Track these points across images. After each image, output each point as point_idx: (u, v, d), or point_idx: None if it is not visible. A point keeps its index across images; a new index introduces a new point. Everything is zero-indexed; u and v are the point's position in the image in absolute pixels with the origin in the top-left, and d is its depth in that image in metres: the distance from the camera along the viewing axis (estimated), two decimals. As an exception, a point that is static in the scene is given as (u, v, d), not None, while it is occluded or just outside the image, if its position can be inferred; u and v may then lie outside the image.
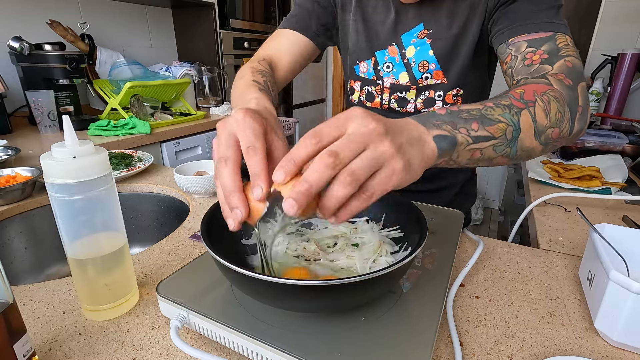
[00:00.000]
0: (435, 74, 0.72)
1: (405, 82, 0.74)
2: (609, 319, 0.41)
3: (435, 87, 0.73)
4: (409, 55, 0.72)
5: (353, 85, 0.81)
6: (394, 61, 0.74)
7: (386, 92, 0.76)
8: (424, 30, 0.70)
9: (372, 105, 0.80)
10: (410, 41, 0.71)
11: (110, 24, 1.85)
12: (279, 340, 0.34)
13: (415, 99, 0.75)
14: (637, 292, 0.37)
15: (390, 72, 0.75)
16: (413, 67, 0.72)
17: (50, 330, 0.42)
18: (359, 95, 0.81)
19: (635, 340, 0.40)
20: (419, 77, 0.73)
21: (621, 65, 1.85)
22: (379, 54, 0.74)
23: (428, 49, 0.70)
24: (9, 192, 0.75)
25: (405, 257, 0.35)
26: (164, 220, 0.89)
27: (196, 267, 0.46)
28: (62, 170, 0.37)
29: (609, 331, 0.41)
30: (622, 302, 0.39)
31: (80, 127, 1.40)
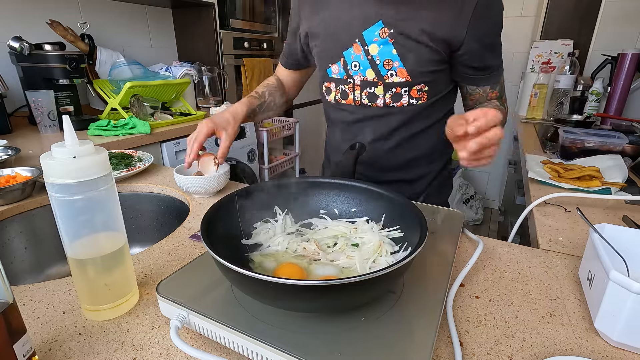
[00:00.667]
0: (399, 71, 0.75)
1: (372, 78, 0.78)
2: (609, 319, 0.41)
3: (400, 84, 0.77)
4: (373, 53, 0.75)
5: (329, 86, 0.86)
6: (359, 59, 0.77)
7: (357, 89, 0.81)
8: (384, 29, 0.72)
9: (346, 103, 0.84)
10: (372, 39, 0.74)
11: (110, 24, 1.85)
12: (279, 340, 0.34)
13: (384, 94, 0.79)
14: (637, 292, 0.37)
15: (358, 70, 0.79)
16: (379, 65, 0.76)
17: (50, 330, 0.42)
18: (335, 95, 0.86)
19: (636, 340, 0.40)
20: (385, 74, 0.76)
21: (621, 65, 1.85)
22: (346, 53, 0.78)
23: (391, 48, 0.73)
24: (9, 192, 0.75)
25: (405, 257, 0.35)
26: (164, 220, 0.89)
27: (196, 267, 0.46)
28: (62, 170, 0.37)
29: (609, 331, 0.41)
30: (622, 302, 0.39)
31: (80, 127, 1.40)
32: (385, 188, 0.53)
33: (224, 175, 0.80)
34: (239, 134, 1.88)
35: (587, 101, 1.93)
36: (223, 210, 0.48)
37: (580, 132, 1.20)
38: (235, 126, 0.84)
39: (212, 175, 0.77)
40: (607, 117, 1.79)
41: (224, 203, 0.48)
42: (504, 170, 2.59)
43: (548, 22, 2.27)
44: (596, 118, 1.76)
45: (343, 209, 0.57)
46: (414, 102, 0.79)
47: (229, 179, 0.84)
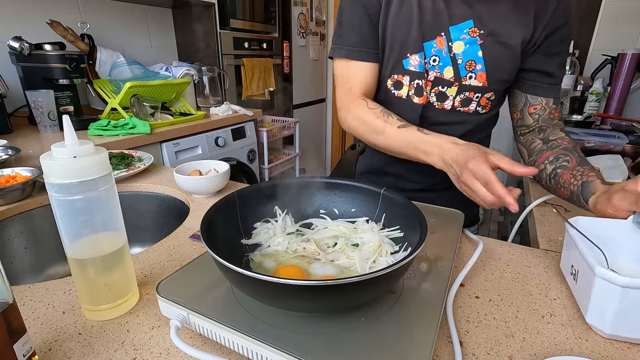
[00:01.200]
0: (479, 75, 0.72)
1: (449, 77, 0.73)
2: (600, 313, 0.42)
3: (475, 89, 0.73)
4: (457, 51, 0.71)
5: (401, 79, 0.76)
6: (441, 54, 0.72)
7: (429, 86, 0.75)
8: (474, 29, 0.69)
9: (419, 101, 0.76)
10: (459, 36, 0.70)
11: (110, 24, 1.85)
12: (279, 340, 0.34)
13: (455, 97, 0.74)
14: (623, 285, 0.38)
15: (436, 66, 0.73)
16: (460, 64, 0.72)
17: (50, 330, 0.42)
18: (408, 90, 0.76)
19: (626, 330, 0.41)
20: (464, 75, 0.72)
21: (621, 65, 1.85)
22: (427, 45, 0.72)
23: (478, 49, 0.70)
24: (9, 192, 0.75)
25: (405, 257, 0.35)
26: (164, 220, 0.89)
27: (196, 267, 0.46)
28: (62, 170, 0.37)
29: (601, 325, 0.42)
30: (609, 296, 0.40)
31: (80, 127, 1.40)
32: (385, 188, 0.53)
33: (224, 175, 0.80)
34: (239, 134, 1.88)
35: (587, 101, 1.93)
36: (223, 210, 0.48)
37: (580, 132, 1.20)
38: None
39: (211, 175, 0.77)
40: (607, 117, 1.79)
41: (224, 203, 0.48)
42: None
43: (548, 22, 2.27)
44: (596, 118, 1.76)
45: (343, 209, 0.57)
46: (480, 110, 0.76)
47: (229, 179, 0.84)
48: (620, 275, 0.39)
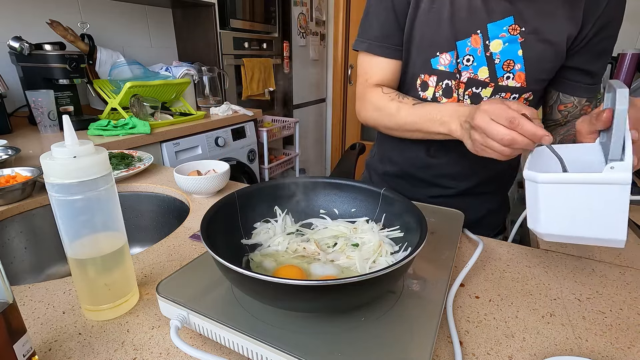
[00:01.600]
0: (517, 75, 0.68)
1: (484, 78, 0.69)
2: (533, 215, 0.43)
3: (513, 90, 0.69)
4: (494, 50, 0.67)
5: (427, 80, 0.73)
6: (476, 54, 0.68)
7: (461, 87, 0.71)
8: (515, 26, 0.64)
9: (448, 103, 0.72)
10: (498, 34, 0.66)
11: (110, 24, 1.85)
12: (279, 340, 0.34)
13: (490, 98, 0.69)
14: (542, 182, 0.39)
15: (470, 66, 0.69)
16: (497, 64, 0.68)
17: (50, 330, 0.42)
18: (434, 91, 0.73)
19: (555, 228, 0.41)
20: (500, 76, 0.68)
21: (621, 65, 1.85)
22: (460, 44, 0.68)
23: (518, 48, 0.65)
24: (9, 192, 0.75)
25: (405, 257, 0.35)
26: (164, 220, 0.89)
27: (196, 267, 0.46)
28: (62, 170, 0.37)
29: (536, 227, 0.43)
30: (534, 195, 0.41)
31: (80, 127, 1.40)
32: (386, 188, 0.53)
33: (224, 175, 0.80)
34: (239, 134, 1.88)
35: (587, 101, 1.93)
36: (223, 210, 0.48)
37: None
38: None
39: (211, 175, 0.77)
40: (607, 117, 1.79)
41: (224, 203, 0.48)
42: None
43: (548, 22, 2.27)
44: (596, 118, 1.76)
45: (343, 209, 0.57)
46: None
47: (229, 179, 0.84)
48: (540, 173, 0.39)
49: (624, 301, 0.48)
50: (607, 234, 0.40)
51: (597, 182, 0.38)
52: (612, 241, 0.41)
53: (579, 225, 0.41)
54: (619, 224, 0.39)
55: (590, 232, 0.41)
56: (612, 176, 0.37)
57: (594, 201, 0.39)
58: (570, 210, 0.40)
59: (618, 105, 0.39)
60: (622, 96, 0.39)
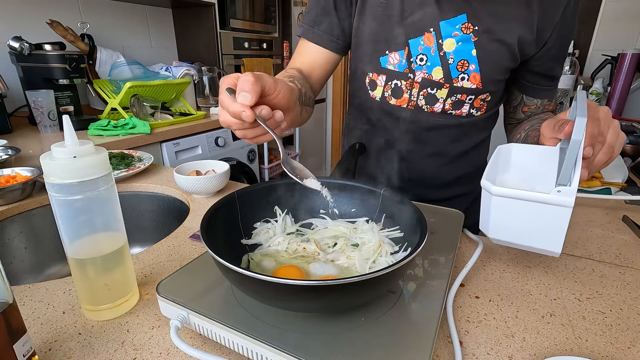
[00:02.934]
0: (472, 76, 0.66)
1: (439, 79, 0.67)
2: (485, 221, 0.47)
3: (469, 91, 0.68)
4: (447, 50, 0.65)
5: (375, 79, 0.72)
6: (429, 53, 0.66)
7: (415, 87, 0.69)
8: (468, 24, 0.63)
9: (397, 103, 0.72)
10: (451, 33, 0.64)
11: (110, 24, 1.85)
12: (279, 340, 0.34)
13: (445, 99, 0.69)
14: (495, 194, 0.44)
15: (424, 66, 0.67)
16: (451, 64, 0.66)
17: (50, 330, 0.42)
18: (383, 91, 0.72)
19: (502, 234, 0.47)
20: (455, 76, 0.67)
21: (621, 65, 1.85)
22: (413, 42, 0.66)
23: (471, 47, 0.64)
24: (9, 192, 0.75)
25: (405, 257, 0.35)
26: (164, 220, 0.89)
27: (196, 267, 0.46)
28: (62, 170, 0.37)
29: (486, 229, 0.48)
30: (487, 203, 0.45)
31: (80, 127, 1.40)
32: (386, 188, 0.53)
33: (223, 175, 0.80)
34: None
35: (587, 101, 1.93)
36: (223, 210, 0.48)
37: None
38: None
39: (211, 175, 0.77)
40: (607, 117, 1.79)
41: (224, 203, 0.48)
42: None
43: (548, 22, 2.27)
44: (596, 118, 1.76)
45: (343, 209, 0.57)
46: (474, 112, 0.71)
47: (228, 179, 0.84)
48: (495, 185, 0.43)
49: (624, 301, 0.48)
50: (547, 245, 0.45)
51: (544, 202, 0.42)
52: (549, 252, 0.46)
53: (523, 235, 0.46)
54: (558, 238, 0.44)
55: (532, 242, 0.46)
56: (558, 199, 0.41)
57: (540, 217, 0.43)
58: (517, 221, 0.45)
59: (574, 135, 0.41)
60: (580, 126, 0.41)
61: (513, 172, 0.54)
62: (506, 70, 0.68)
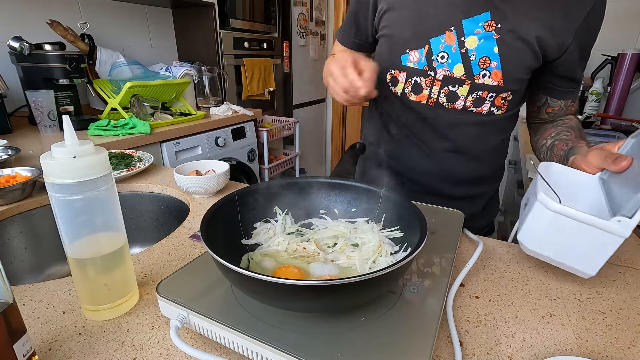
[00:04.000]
0: (494, 73, 0.67)
1: (460, 75, 0.68)
2: (529, 231, 0.48)
3: (490, 88, 0.69)
4: (469, 47, 0.66)
5: (397, 75, 0.74)
6: (450, 50, 0.67)
7: (437, 85, 0.71)
8: (491, 22, 0.64)
9: (417, 99, 0.74)
10: (473, 30, 0.65)
11: (110, 24, 1.85)
12: (279, 340, 0.34)
13: (467, 96, 0.70)
14: (554, 210, 0.44)
15: (445, 64, 0.68)
16: (473, 61, 0.67)
17: (50, 330, 0.42)
18: (404, 87, 0.74)
19: (544, 249, 0.48)
20: (476, 73, 0.67)
21: (621, 65, 1.85)
22: (434, 41, 0.68)
23: (493, 45, 0.65)
24: (9, 192, 0.75)
25: (405, 257, 0.35)
26: (164, 220, 0.89)
27: (196, 267, 0.46)
28: (62, 170, 0.37)
29: (527, 242, 0.49)
30: (541, 218, 0.46)
31: (80, 127, 1.40)
32: (386, 188, 0.53)
33: (223, 175, 0.80)
34: (239, 134, 1.88)
35: (587, 101, 1.93)
36: (223, 210, 0.48)
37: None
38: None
39: (211, 175, 0.77)
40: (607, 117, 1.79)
41: (224, 203, 0.48)
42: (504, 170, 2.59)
43: (548, 22, 2.27)
44: (596, 118, 1.76)
45: (343, 209, 0.57)
46: (494, 110, 0.71)
47: (229, 179, 0.84)
48: (556, 203, 0.44)
49: (624, 301, 0.48)
50: (583, 266, 0.47)
51: (600, 228, 0.43)
52: (582, 273, 0.48)
53: (564, 253, 0.47)
54: (597, 262, 0.45)
55: (570, 260, 0.47)
56: (616, 228, 0.42)
57: (589, 240, 0.44)
58: (564, 239, 0.46)
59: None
60: None
61: (550, 190, 0.54)
62: (528, 69, 0.67)
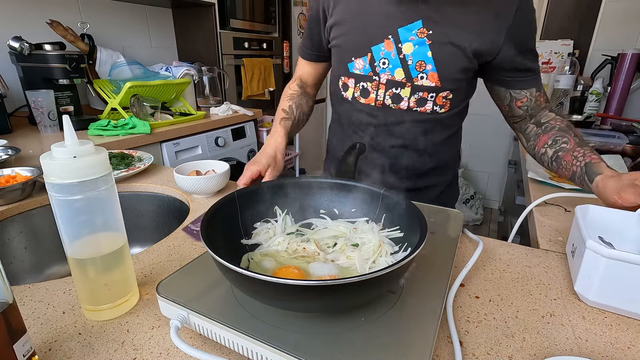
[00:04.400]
0: (430, 75, 0.73)
1: (401, 79, 0.75)
2: (586, 281, 0.46)
3: (429, 89, 0.75)
4: (406, 52, 0.72)
5: (347, 82, 0.82)
6: (390, 57, 0.74)
7: (382, 88, 0.77)
8: (423, 29, 0.70)
9: (366, 102, 0.80)
10: (408, 37, 0.71)
11: (110, 24, 1.85)
12: (279, 340, 0.34)
13: (409, 97, 0.76)
14: (607, 257, 0.43)
15: (387, 68, 0.75)
16: (410, 65, 0.73)
17: (50, 330, 0.42)
18: (354, 92, 0.81)
19: (607, 299, 0.45)
20: (415, 76, 0.74)
21: (621, 65, 1.85)
22: (375, 49, 0.74)
23: (427, 50, 0.71)
24: (9, 192, 0.75)
25: (405, 257, 0.35)
26: (164, 220, 0.89)
27: (196, 267, 0.46)
28: (62, 170, 0.37)
29: (586, 292, 0.46)
30: (595, 266, 0.45)
31: (80, 127, 1.40)
32: (386, 188, 0.53)
33: (223, 175, 0.80)
34: (239, 134, 1.88)
35: (587, 101, 1.93)
36: (223, 210, 0.48)
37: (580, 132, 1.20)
38: (281, 162, 0.79)
39: (211, 175, 0.77)
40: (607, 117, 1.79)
41: (224, 203, 0.48)
42: (504, 170, 2.59)
43: (548, 22, 2.28)
44: (596, 118, 1.76)
45: (343, 209, 0.57)
46: (437, 109, 0.77)
47: (229, 179, 0.84)
48: (607, 248, 0.43)
49: (624, 301, 0.48)
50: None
51: None
52: None
53: (634, 301, 0.45)
54: None
55: (632, 306, 0.45)
56: None
57: None
58: (627, 286, 0.44)
59: None
60: None
61: (593, 232, 0.54)
62: (462, 70, 0.73)
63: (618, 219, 0.55)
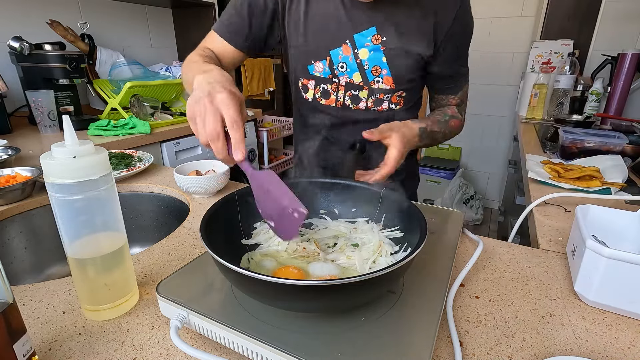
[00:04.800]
0: (385, 79, 0.78)
1: (359, 82, 0.79)
2: (586, 281, 0.46)
3: (385, 91, 0.80)
4: (362, 57, 0.76)
5: (306, 83, 0.83)
6: (348, 61, 0.77)
7: (341, 90, 0.81)
8: (377, 36, 0.74)
9: (327, 103, 0.83)
10: (364, 44, 0.75)
11: (110, 24, 1.85)
12: (279, 340, 0.34)
13: (367, 99, 0.81)
14: (608, 257, 0.43)
15: (345, 72, 0.78)
16: (367, 70, 0.77)
17: (50, 330, 0.42)
18: (314, 93, 0.84)
19: (607, 299, 0.45)
20: (371, 80, 0.78)
21: (621, 65, 1.85)
22: (333, 53, 0.77)
23: (382, 56, 0.75)
24: (9, 192, 0.75)
25: (405, 258, 0.35)
26: (164, 220, 0.89)
27: (196, 267, 0.46)
28: (62, 170, 0.37)
29: (586, 292, 0.46)
30: (595, 266, 0.45)
31: (80, 127, 1.40)
32: (386, 189, 0.53)
33: (223, 175, 0.80)
34: (239, 134, 1.88)
35: (587, 101, 1.93)
36: (223, 210, 0.48)
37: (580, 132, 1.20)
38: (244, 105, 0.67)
39: (211, 175, 0.77)
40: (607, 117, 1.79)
41: (224, 203, 0.48)
42: (504, 170, 2.59)
43: (548, 22, 2.27)
44: (596, 118, 1.76)
45: (343, 209, 0.57)
46: (393, 107, 0.82)
47: (228, 179, 0.84)
48: (607, 248, 0.43)
49: (624, 301, 0.48)
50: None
51: None
52: None
53: (635, 301, 0.45)
54: None
55: (632, 306, 0.45)
56: None
57: None
58: (628, 286, 0.44)
59: None
60: None
61: (593, 232, 0.55)
62: (414, 72, 0.78)
63: (618, 219, 0.56)
